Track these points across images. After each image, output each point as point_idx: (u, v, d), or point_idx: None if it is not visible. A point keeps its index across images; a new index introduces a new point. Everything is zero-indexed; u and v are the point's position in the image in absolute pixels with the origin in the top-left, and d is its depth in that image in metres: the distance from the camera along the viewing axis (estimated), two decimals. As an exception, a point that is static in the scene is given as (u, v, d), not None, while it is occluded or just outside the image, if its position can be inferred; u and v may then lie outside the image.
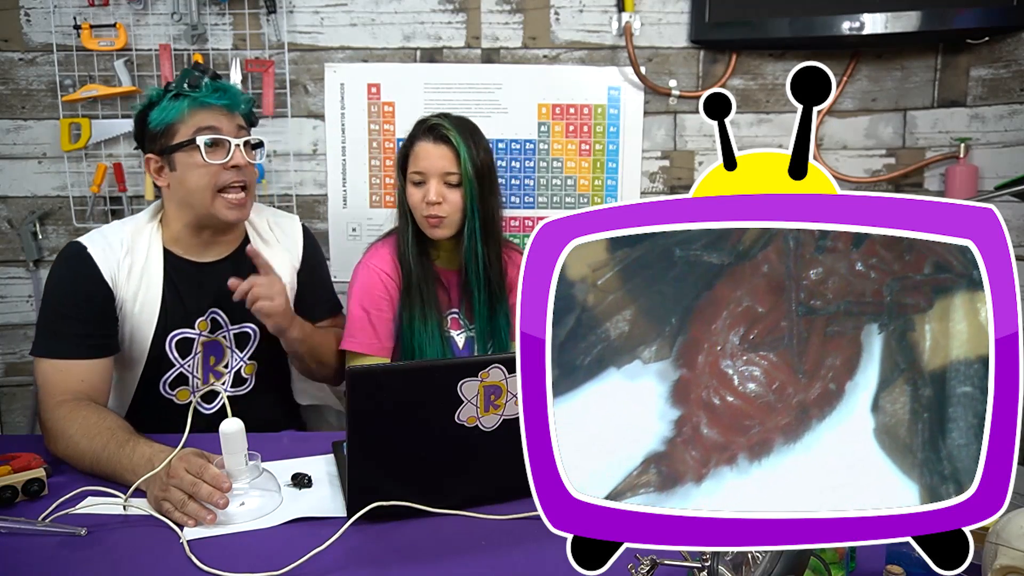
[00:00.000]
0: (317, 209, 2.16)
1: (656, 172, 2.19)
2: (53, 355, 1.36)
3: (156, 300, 1.46)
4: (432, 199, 1.52)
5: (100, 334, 1.42)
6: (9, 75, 2.03)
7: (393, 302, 1.60)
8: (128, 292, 1.45)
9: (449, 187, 1.53)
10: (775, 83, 2.12)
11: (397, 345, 1.63)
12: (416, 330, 1.58)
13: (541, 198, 2.14)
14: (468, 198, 1.53)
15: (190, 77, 1.43)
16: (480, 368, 1.05)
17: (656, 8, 2.10)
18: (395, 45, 2.09)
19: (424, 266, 1.59)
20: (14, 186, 2.07)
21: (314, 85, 2.08)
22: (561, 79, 2.09)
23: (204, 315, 1.52)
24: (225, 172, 1.43)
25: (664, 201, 0.64)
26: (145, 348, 1.47)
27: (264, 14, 2.01)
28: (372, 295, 1.60)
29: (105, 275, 1.42)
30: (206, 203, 1.44)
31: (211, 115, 1.43)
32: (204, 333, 1.50)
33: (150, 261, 1.46)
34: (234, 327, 1.55)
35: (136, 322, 1.46)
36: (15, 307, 2.15)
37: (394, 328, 1.62)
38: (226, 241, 1.56)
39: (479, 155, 1.55)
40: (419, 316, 1.58)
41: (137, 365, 1.49)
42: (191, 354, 1.50)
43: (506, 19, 2.10)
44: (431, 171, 1.54)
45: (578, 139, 2.11)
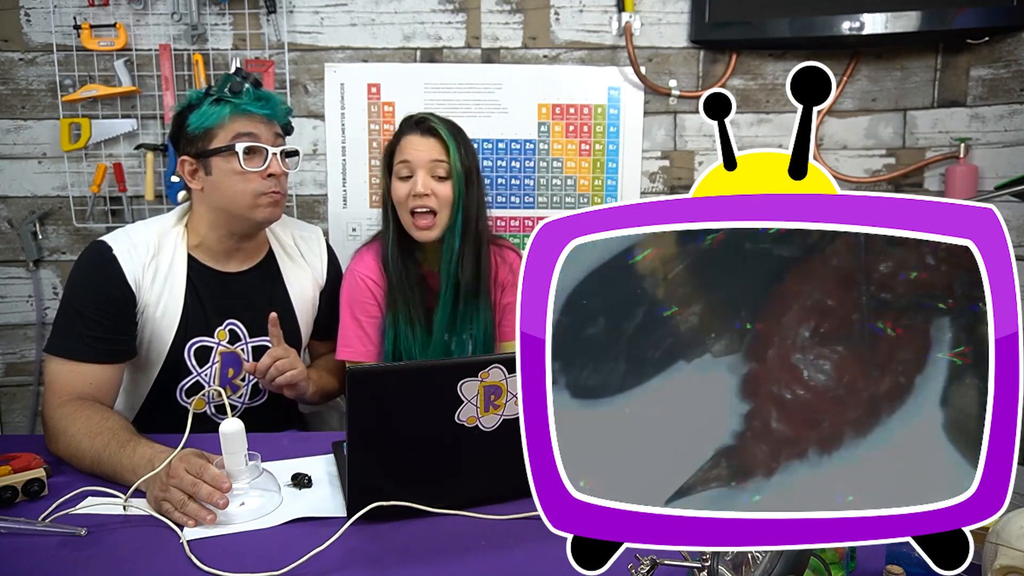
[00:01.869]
0: (317, 209, 2.15)
1: (656, 172, 2.18)
2: (66, 354, 1.35)
3: (178, 306, 1.44)
4: (419, 190, 1.49)
5: (117, 338, 1.40)
6: (9, 75, 2.02)
7: (382, 307, 1.59)
8: (151, 296, 1.43)
9: (438, 180, 1.51)
10: (775, 83, 2.12)
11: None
12: (402, 334, 1.56)
13: (541, 198, 2.13)
14: (456, 193, 1.50)
15: (232, 83, 1.41)
16: (480, 368, 1.05)
17: (656, 8, 2.09)
18: (395, 45, 2.08)
19: (408, 268, 1.57)
20: (14, 186, 2.07)
21: (314, 85, 2.08)
22: (561, 79, 2.08)
23: (223, 325, 1.50)
24: (261, 180, 1.42)
25: (664, 201, 0.64)
26: (163, 353, 1.45)
27: (264, 14, 2.00)
28: (360, 302, 1.58)
29: (129, 278, 1.40)
30: (243, 207, 1.43)
31: (251, 122, 1.41)
32: (223, 343, 1.49)
33: (174, 266, 1.45)
34: (253, 340, 1.53)
35: (156, 327, 1.44)
36: (15, 307, 2.13)
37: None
38: (250, 251, 1.54)
39: (466, 154, 1.54)
40: (404, 320, 1.56)
41: (152, 369, 1.47)
42: (209, 363, 1.49)
43: (506, 19, 2.09)
44: (419, 161, 1.51)
45: (578, 139, 2.10)
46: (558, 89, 2.08)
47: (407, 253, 1.57)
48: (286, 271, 1.56)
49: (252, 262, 1.54)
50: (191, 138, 1.43)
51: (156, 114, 2.02)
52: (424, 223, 1.51)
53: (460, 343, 1.61)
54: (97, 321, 1.36)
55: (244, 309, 1.48)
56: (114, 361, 1.39)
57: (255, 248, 1.54)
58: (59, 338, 1.36)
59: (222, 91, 1.41)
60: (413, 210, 1.52)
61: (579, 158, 2.11)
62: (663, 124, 2.16)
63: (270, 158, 1.41)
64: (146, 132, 2.04)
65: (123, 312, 1.40)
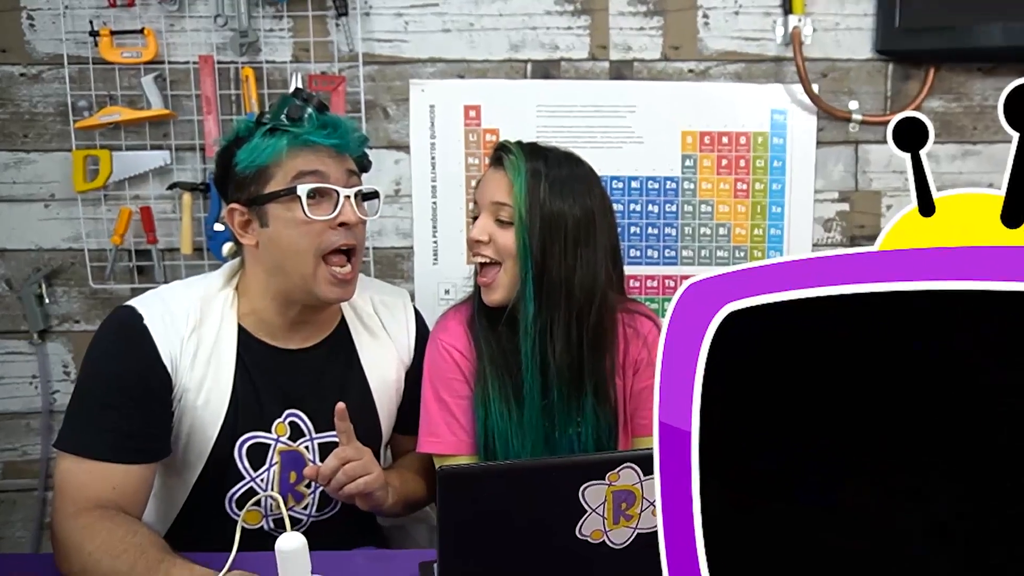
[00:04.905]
0: (400, 266, 1.93)
1: (832, 218, 1.96)
2: (83, 452, 1.24)
3: (225, 393, 1.33)
4: (474, 234, 1.39)
5: (148, 433, 1.30)
6: (8, 95, 1.84)
7: (472, 385, 1.47)
8: (192, 380, 1.32)
9: (500, 225, 1.39)
10: (984, 105, 1.90)
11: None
12: (493, 413, 1.43)
13: (685, 252, 1.93)
14: (521, 243, 1.36)
15: (290, 107, 1.30)
16: (608, 469, 0.98)
17: (832, 9, 1.86)
18: (499, 56, 1.87)
19: (499, 337, 1.43)
20: (14, 236, 1.88)
21: (396, 108, 1.88)
22: (711, 99, 1.88)
23: (283, 416, 1.38)
24: (331, 232, 1.30)
25: (844, 256, 0.58)
26: (205, 451, 1.35)
27: (332, 16, 1.79)
28: (446, 380, 1.45)
29: (164, 357, 1.29)
30: (305, 272, 1.30)
31: (315, 157, 1.30)
32: (282, 439, 1.37)
33: (221, 342, 1.34)
34: (320, 435, 1.40)
35: (198, 418, 1.33)
36: (16, 391, 1.94)
37: None
38: (317, 323, 1.42)
39: (548, 195, 1.38)
40: (496, 395, 1.43)
41: (192, 470, 1.35)
42: (265, 465, 1.37)
43: (641, 23, 1.86)
44: (482, 201, 1.41)
45: (733, 176, 1.90)
46: (707, 112, 1.89)
47: (496, 317, 1.43)
48: (363, 347, 1.46)
49: (320, 336, 1.43)
50: (241, 180, 1.32)
51: (195, 144, 1.83)
52: (485, 278, 1.40)
53: (565, 438, 1.46)
54: (123, 410, 1.27)
55: (309, 396, 1.38)
56: (143, 461, 1.28)
57: (324, 319, 1.43)
58: (74, 431, 1.27)
59: (278, 118, 1.31)
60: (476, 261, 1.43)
61: (734, 200, 1.92)
62: (841, 157, 1.94)
63: (342, 202, 1.30)
64: (182, 167, 1.85)
65: (156, 400, 1.30)
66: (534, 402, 1.41)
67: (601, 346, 1.41)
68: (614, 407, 1.44)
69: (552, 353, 1.38)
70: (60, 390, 1.92)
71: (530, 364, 1.40)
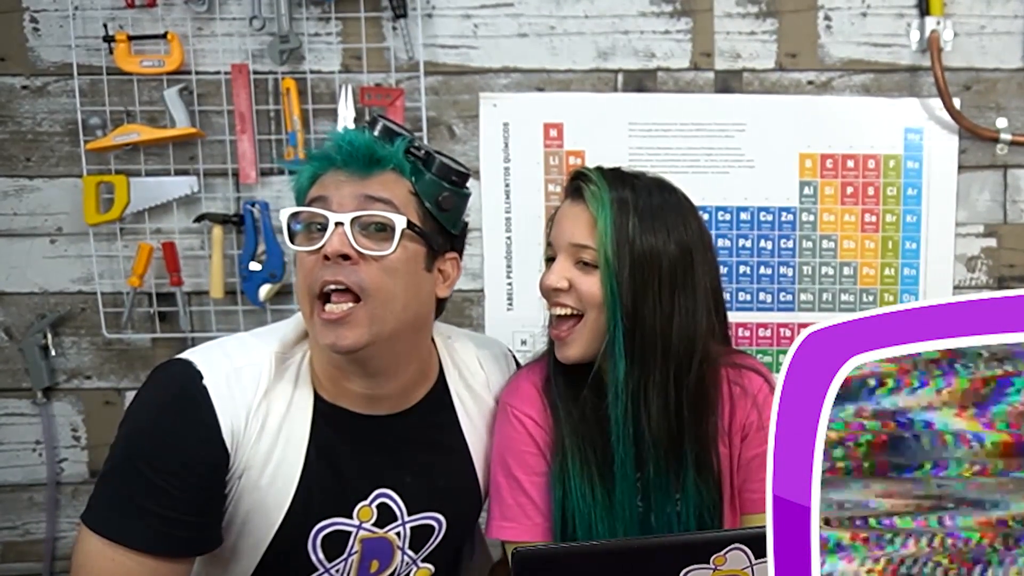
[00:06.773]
0: (468, 311, 1.80)
1: (977, 256, 1.82)
2: (117, 538, 1.10)
3: (295, 471, 1.19)
4: (552, 282, 1.25)
5: (199, 522, 1.15)
6: (8, 111, 1.74)
7: (549, 459, 1.37)
8: (256, 457, 1.18)
9: (582, 269, 1.25)
10: None
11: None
12: (573, 491, 1.30)
13: (804, 295, 1.80)
14: (608, 291, 1.23)
15: (358, 123, 1.27)
16: (713, 550, 0.92)
17: (976, 10, 1.72)
18: (585, 66, 1.75)
19: (581, 402, 1.30)
20: (14, 277, 1.77)
21: (464, 126, 1.77)
22: (834, 116, 1.75)
23: (370, 499, 1.24)
24: (320, 268, 1.14)
25: (992, 299, 0.54)
26: (266, 538, 1.20)
27: (389, 18, 1.67)
28: (519, 453, 1.33)
29: (224, 430, 1.14)
30: (306, 317, 1.19)
31: (330, 180, 1.17)
32: (366, 525, 1.23)
33: (295, 409, 1.20)
34: (413, 518, 1.26)
35: (259, 500, 1.19)
36: (16, 458, 1.80)
37: None
38: (409, 384, 1.27)
39: (638, 227, 1.25)
40: (576, 471, 1.30)
41: (246, 560, 1.21)
42: (343, 556, 1.23)
43: (752, 26, 1.73)
44: (559, 241, 1.29)
45: (860, 207, 1.77)
46: (830, 132, 1.75)
47: (577, 378, 1.31)
48: (463, 409, 1.33)
49: (414, 399, 1.28)
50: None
51: (226, 168, 1.72)
52: (560, 331, 1.27)
53: (663, 517, 1.30)
54: (172, 494, 1.12)
55: (402, 469, 1.24)
56: (188, 555, 1.16)
57: (415, 379, 1.27)
58: (110, 509, 1.13)
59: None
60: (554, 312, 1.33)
61: (861, 235, 1.78)
62: (987, 184, 1.79)
63: (330, 230, 1.13)
64: (211, 196, 1.75)
65: (209, 482, 1.16)
66: (627, 479, 1.27)
67: (703, 408, 1.28)
68: (718, 479, 1.30)
69: (647, 420, 1.25)
70: (68, 458, 1.80)
71: (622, 434, 1.26)
